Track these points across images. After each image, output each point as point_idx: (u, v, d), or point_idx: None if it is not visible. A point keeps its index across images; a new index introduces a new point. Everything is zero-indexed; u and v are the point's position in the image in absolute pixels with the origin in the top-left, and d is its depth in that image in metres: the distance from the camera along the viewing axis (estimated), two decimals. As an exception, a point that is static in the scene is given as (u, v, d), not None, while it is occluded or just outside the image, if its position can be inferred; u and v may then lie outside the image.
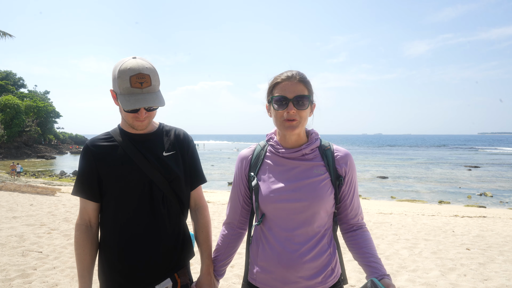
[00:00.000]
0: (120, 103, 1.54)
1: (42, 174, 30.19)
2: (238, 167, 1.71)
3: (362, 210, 1.67)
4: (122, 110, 1.63)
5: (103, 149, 1.66)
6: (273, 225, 1.55)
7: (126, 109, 1.53)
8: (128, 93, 1.52)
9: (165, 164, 1.67)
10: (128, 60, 1.54)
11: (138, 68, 1.51)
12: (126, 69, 1.51)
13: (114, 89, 1.59)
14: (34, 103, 58.93)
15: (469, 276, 4.61)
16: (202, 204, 1.86)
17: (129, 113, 1.57)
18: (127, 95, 1.52)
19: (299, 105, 1.51)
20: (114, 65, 1.58)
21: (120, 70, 1.52)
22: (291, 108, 1.50)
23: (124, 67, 1.52)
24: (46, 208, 9.00)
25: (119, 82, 1.52)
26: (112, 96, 1.64)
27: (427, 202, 17.44)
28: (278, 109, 1.53)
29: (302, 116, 1.53)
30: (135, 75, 1.50)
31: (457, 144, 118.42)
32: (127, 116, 1.61)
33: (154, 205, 1.65)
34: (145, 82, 1.52)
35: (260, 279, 1.58)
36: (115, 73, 1.55)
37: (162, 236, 1.66)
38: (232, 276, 4.37)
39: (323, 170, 1.56)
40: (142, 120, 1.60)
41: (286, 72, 1.56)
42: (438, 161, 47.78)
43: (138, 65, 1.52)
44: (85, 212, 1.67)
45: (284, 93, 1.51)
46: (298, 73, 1.55)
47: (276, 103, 1.53)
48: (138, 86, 1.51)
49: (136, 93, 1.52)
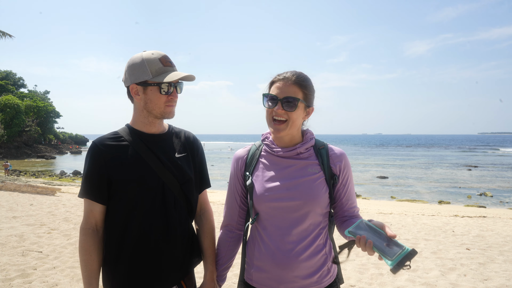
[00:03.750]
0: (159, 80, 1.55)
1: (42, 174, 30.17)
2: (233, 167, 1.71)
3: (358, 208, 1.68)
4: (151, 100, 1.58)
5: (113, 149, 1.58)
6: (268, 224, 1.55)
7: (170, 80, 1.54)
8: (163, 72, 1.56)
9: (178, 166, 1.63)
10: (143, 52, 1.59)
11: (160, 52, 1.59)
12: (150, 54, 1.57)
13: (140, 78, 1.56)
14: (34, 103, 58.91)
15: (469, 276, 4.60)
16: (208, 209, 1.83)
17: (165, 95, 1.57)
18: (164, 74, 1.55)
19: (288, 106, 1.51)
20: (131, 60, 1.59)
21: (144, 58, 1.56)
22: (278, 108, 1.52)
23: (147, 54, 1.57)
24: (46, 208, 8.99)
25: (150, 66, 1.55)
26: (132, 93, 1.60)
27: (427, 202, 17.43)
28: (268, 107, 1.56)
29: (291, 118, 1.53)
30: (162, 56, 1.58)
31: (457, 144, 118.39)
32: (159, 102, 1.58)
33: (167, 208, 1.59)
34: (171, 62, 1.60)
35: (256, 278, 1.58)
36: (138, 62, 1.56)
37: (174, 242, 1.60)
38: (232, 276, 4.37)
39: (317, 169, 1.56)
40: (174, 103, 1.61)
41: (286, 72, 1.57)
42: (438, 161, 47.76)
43: (158, 51, 1.59)
44: (91, 215, 1.57)
45: (276, 92, 1.54)
46: (296, 75, 1.55)
47: (268, 100, 1.56)
48: (169, 65, 1.58)
49: (171, 70, 1.57)
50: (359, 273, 4.68)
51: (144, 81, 1.56)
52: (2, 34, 21.93)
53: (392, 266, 1.23)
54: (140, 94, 1.59)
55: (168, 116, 1.62)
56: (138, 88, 1.59)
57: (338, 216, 1.65)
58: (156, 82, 1.55)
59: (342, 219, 1.64)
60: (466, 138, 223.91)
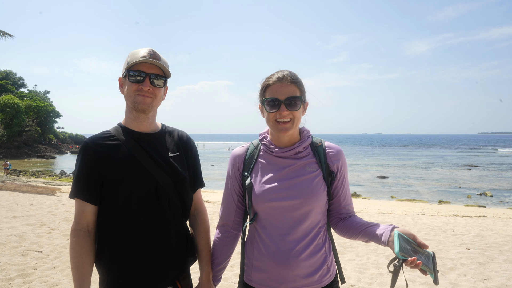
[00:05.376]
0: (126, 65, 1.58)
1: (42, 174, 30.16)
2: (231, 166, 1.70)
3: (353, 205, 1.69)
4: (126, 90, 1.60)
5: (105, 148, 1.56)
6: (267, 224, 1.55)
7: (132, 63, 1.54)
8: (137, 60, 1.55)
9: (171, 165, 1.62)
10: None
11: (149, 48, 1.60)
12: (139, 49, 1.59)
13: (123, 68, 1.62)
14: (34, 103, 58.88)
15: (469, 276, 4.61)
16: (202, 209, 1.81)
17: (133, 83, 1.56)
18: (135, 61, 1.55)
19: (291, 106, 1.52)
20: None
21: (130, 52, 1.60)
22: (283, 110, 1.51)
23: (136, 49, 1.60)
24: (46, 208, 8.99)
25: (130, 58, 1.58)
26: (119, 85, 1.64)
27: (427, 202, 17.42)
28: (271, 111, 1.54)
29: (296, 117, 1.54)
30: (145, 49, 1.58)
31: (457, 144, 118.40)
32: (130, 90, 1.57)
33: (161, 208, 1.56)
34: (154, 55, 1.58)
35: (256, 279, 1.58)
36: (127, 56, 1.61)
37: (169, 242, 1.58)
38: (232, 276, 4.37)
39: (315, 167, 1.57)
40: (146, 92, 1.56)
41: (277, 73, 1.57)
42: (438, 161, 47.75)
43: (149, 47, 1.61)
44: (83, 216, 1.53)
45: (276, 95, 1.52)
46: (289, 73, 1.56)
47: (268, 105, 1.54)
48: (147, 56, 1.56)
49: (145, 59, 1.56)
50: (359, 273, 4.68)
51: (124, 72, 1.62)
52: (2, 34, 21.92)
53: (434, 278, 1.23)
54: (123, 86, 1.63)
55: (140, 106, 1.57)
56: (122, 81, 1.64)
57: (335, 214, 1.65)
58: (126, 69, 1.59)
59: (339, 216, 1.64)
60: (466, 138, 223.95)
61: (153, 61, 1.55)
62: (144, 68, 1.56)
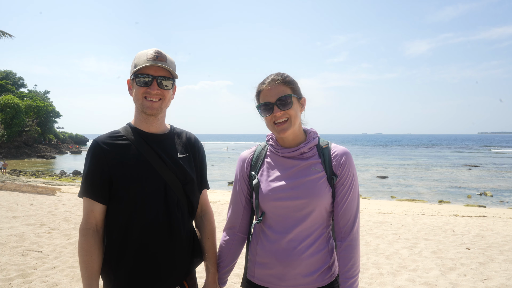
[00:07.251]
0: (133, 70, 1.57)
1: (42, 174, 30.17)
2: (239, 168, 1.72)
3: (358, 220, 1.58)
4: (134, 93, 1.59)
5: (115, 148, 1.56)
6: (273, 223, 1.57)
7: (139, 66, 1.53)
8: (143, 63, 1.55)
9: (180, 166, 1.62)
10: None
11: (155, 48, 1.59)
12: (145, 50, 1.59)
13: (131, 71, 1.61)
14: (34, 103, 58.89)
15: (469, 276, 4.60)
16: (208, 210, 1.82)
17: (141, 87, 1.55)
18: (141, 65, 1.55)
19: (284, 106, 1.53)
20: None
21: (137, 53, 1.60)
22: (276, 111, 1.53)
23: (143, 50, 1.59)
24: (46, 208, 8.99)
25: (137, 59, 1.57)
26: (128, 87, 1.64)
27: (427, 201, 17.43)
28: (266, 115, 1.57)
29: (291, 115, 1.54)
30: (152, 50, 1.57)
31: (457, 144, 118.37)
32: (138, 94, 1.57)
33: (170, 208, 1.57)
34: (161, 56, 1.57)
35: (259, 275, 1.60)
36: (134, 58, 1.61)
37: (177, 243, 1.59)
38: (232, 276, 4.37)
39: (320, 168, 1.57)
40: (153, 96, 1.56)
41: (267, 77, 1.60)
42: (438, 160, 47.76)
43: (155, 48, 1.60)
44: (92, 215, 1.53)
45: (267, 98, 1.55)
46: (278, 75, 1.58)
47: (263, 110, 1.57)
48: (153, 58, 1.55)
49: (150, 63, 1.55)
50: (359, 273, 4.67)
51: (131, 75, 1.61)
52: (2, 34, 21.93)
53: None
54: (132, 89, 1.62)
55: (148, 111, 1.57)
56: (130, 83, 1.63)
57: (335, 231, 1.60)
58: (133, 73, 1.58)
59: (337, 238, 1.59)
60: (466, 138, 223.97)
61: (160, 65, 1.55)
62: (151, 71, 1.56)
